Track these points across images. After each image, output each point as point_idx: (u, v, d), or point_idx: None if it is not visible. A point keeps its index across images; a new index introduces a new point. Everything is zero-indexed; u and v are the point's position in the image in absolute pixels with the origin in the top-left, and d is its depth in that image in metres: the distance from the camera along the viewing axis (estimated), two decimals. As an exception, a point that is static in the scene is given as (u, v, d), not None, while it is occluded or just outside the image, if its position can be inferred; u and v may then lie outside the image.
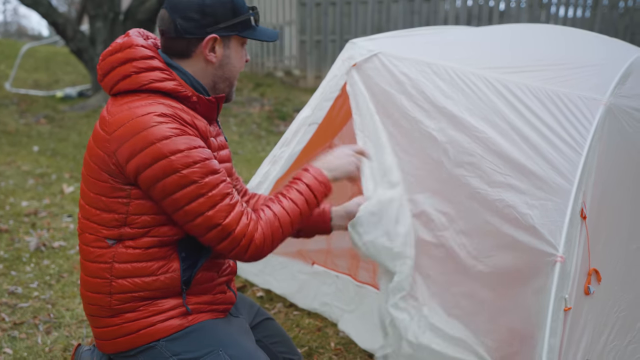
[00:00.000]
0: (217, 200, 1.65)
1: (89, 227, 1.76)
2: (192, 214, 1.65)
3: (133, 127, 1.62)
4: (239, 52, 1.82)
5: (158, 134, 1.60)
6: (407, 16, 10.58)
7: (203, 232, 1.68)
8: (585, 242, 1.89)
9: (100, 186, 1.71)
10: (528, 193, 1.92)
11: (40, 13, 9.07)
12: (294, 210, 1.80)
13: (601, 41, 2.46)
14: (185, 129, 1.65)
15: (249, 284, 3.46)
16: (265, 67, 12.05)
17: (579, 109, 1.99)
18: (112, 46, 1.76)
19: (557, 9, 11.08)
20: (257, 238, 1.71)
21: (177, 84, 1.72)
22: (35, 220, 4.58)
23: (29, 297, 3.32)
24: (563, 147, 1.93)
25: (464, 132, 2.07)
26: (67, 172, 5.95)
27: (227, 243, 1.69)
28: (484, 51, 2.36)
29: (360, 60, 2.35)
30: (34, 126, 7.96)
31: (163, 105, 1.66)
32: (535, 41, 2.44)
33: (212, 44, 1.76)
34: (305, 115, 2.49)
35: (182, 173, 1.61)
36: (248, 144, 7.57)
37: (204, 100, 1.77)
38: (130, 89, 1.70)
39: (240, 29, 1.78)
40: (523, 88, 2.07)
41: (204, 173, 1.64)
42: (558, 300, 1.80)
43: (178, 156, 1.61)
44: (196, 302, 1.81)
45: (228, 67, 1.81)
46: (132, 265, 1.72)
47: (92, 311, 1.80)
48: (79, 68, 11.60)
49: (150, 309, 1.75)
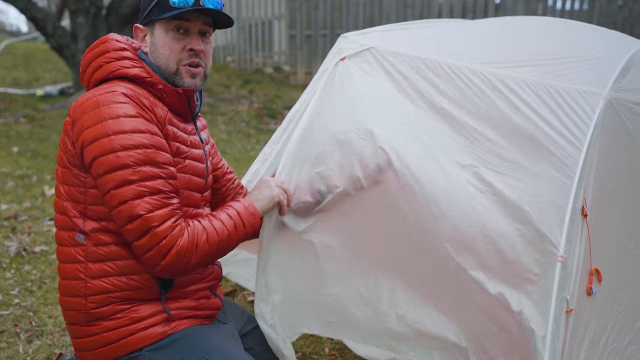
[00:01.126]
0: (146, 192, 1.59)
1: (59, 220, 1.75)
2: (116, 198, 1.58)
3: (90, 105, 1.62)
4: (162, 38, 1.76)
5: (108, 112, 1.59)
6: (400, 9, 10.52)
7: (124, 221, 1.60)
8: (587, 241, 1.84)
9: (63, 174, 1.71)
10: (527, 190, 1.86)
11: (19, 8, 8.91)
12: (222, 231, 1.73)
13: (600, 33, 2.41)
14: (140, 112, 1.62)
15: (239, 288, 3.37)
16: (254, 63, 11.96)
17: (579, 103, 1.93)
18: (91, 44, 1.80)
19: (554, 1, 11.01)
20: (180, 244, 1.62)
21: (143, 70, 1.73)
22: (15, 224, 4.46)
23: (10, 305, 3.21)
24: (562, 142, 1.87)
25: (461, 131, 2.00)
26: (48, 174, 5.83)
27: (146, 240, 1.60)
28: (479, 45, 2.30)
29: (351, 53, 2.28)
30: (13, 126, 7.80)
31: (123, 87, 1.65)
32: (532, 34, 2.38)
33: (141, 34, 1.81)
34: (295, 111, 2.42)
35: (118, 154, 1.57)
36: (237, 143, 7.47)
37: (171, 89, 1.75)
38: (102, 78, 1.72)
39: (156, 13, 1.74)
40: (520, 83, 2.01)
41: (141, 160, 1.58)
42: (560, 301, 1.74)
43: (120, 137, 1.57)
44: (178, 307, 1.77)
45: (156, 55, 1.78)
46: (106, 264, 1.68)
47: (70, 318, 1.75)
48: (60, 65, 11.44)
49: (130, 316, 1.69)
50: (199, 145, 1.87)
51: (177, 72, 1.77)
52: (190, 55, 1.77)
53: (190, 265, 1.67)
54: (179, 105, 1.78)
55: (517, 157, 1.90)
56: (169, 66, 1.77)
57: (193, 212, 1.83)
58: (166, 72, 1.78)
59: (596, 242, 1.87)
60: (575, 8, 11.10)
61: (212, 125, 8.04)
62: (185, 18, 1.74)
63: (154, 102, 1.71)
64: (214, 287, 1.91)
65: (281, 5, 10.94)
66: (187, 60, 1.77)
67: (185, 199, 1.79)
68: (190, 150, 1.81)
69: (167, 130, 1.72)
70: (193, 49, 1.76)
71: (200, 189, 1.87)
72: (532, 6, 10.74)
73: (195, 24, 1.76)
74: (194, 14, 1.74)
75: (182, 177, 1.77)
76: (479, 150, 1.97)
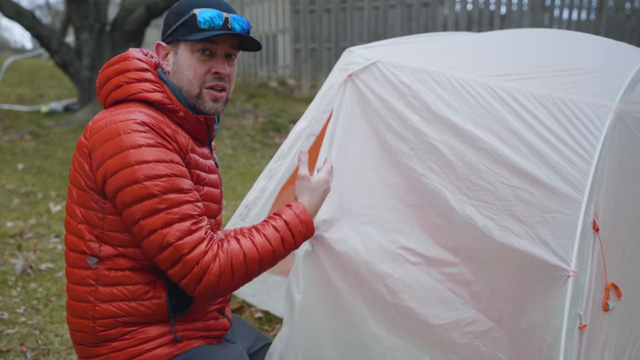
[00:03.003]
0: (175, 219, 1.56)
1: (71, 242, 1.71)
2: (146, 229, 1.56)
3: (109, 132, 1.58)
4: (187, 59, 1.71)
5: (130, 141, 1.56)
6: (405, 22, 10.50)
7: (155, 251, 1.58)
8: (600, 255, 1.81)
9: (80, 195, 1.67)
10: (537, 205, 1.83)
11: (24, 25, 8.96)
12: (265, 248, 1.68)
13: (608, 45, 2.39)
14: (161, 141, 1.59)
15: (246, 304, 3.34)
16: (259, 77, 11.99)
17: (587, 116, 1.91)
18: (110, 60, 1.76)
19: (561, 12, 10.97)
20: (213, 270, 1.59)
21: (165, 96, 1.69)
22: (21, 242, 4.45)
23: (16, 323, 3.19)
24: (572, 156, 1.85)
25: (468, 144, 1.99)
26: (54, 191, 5.83)
27: (179, 268, 1.57)
28: (485, 58, 2.29)
29: (357, 69, 2.27)
30: (18, 143, 7.82)
31: (144, 114, 1.62)
32: (539, 46, 2.37)
33: (163, 52, 1.76)
34: (302, 127, 2.42)
35: (143, 184, 1.54)
36: (242, 158, 7.47)
37: (192, 117, 1.71)
38: (121, 99, 1.68)
39: (182, 33, 1.70)
40: (528, 95, 2.00)
41: (167, 188, 1.56)
42: (572, 317, 1.71)
43: (143, 166, 1.55)
44: (186, 329, 1.74)
45: (179, 75, 1.73)
46: (117, 288, 1.66)
47: (77, 339, 1.73)
48: (65, 81, 11.49)
49: (137, 337, 1.67)
50: (214, 170, 1.84)
51: (200, 95, 1.73)
52: (214, 78, 1.73)
53: (228, 287, 1.65)
54: (199, 132, 1.75)
55: (526, 171, 1.88)
56: (192, 89, 1.72)
57: None
58: (188, 94, 1.73)
59: (612, 256, 1.84)
60: (582, 18, 11.06)
61: (217, 140, 8.05)
62: (212, 40, 1.70)
63: (176, 130, 1.67)
64: (223, 309, 1.89)
65: (285, 19, 10.98)
66: (211, 83, 1.73)
67: None
68: (208, 176, 1.78)
69: (189, 159, 1.69)
70: (219, 72, 1.72)
71: (215, 214, 1.83)
72: (539, 17, 10.71)
73: (221, 46, 1.72)
74: (221, 37, 1.71)
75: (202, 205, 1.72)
76: (485, 161, 1.95)
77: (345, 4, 10.54)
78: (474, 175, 1.95)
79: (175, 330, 1.71)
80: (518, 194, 1.87)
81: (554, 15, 11.00)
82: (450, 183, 1.99)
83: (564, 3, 10.97)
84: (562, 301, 1.72)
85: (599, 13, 10.96)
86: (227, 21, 1.69)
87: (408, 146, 2.11)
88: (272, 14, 11.44)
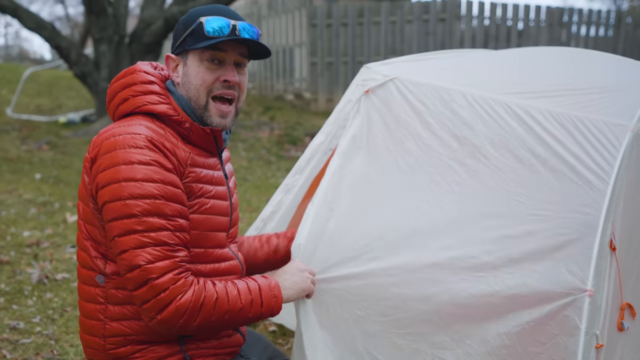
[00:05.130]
0: (149, 243, 1.53)
1: (81, 258, 1.72)
2: (119, 246, 1.54)
3: (107, 145, 1.58)
4: (195, 68, 1.70)
5: (123, 157, 1.55)
6: (422, 37, 10.52)
7: (124, 270, 1.56)
8: (616, 275, 1.80)
9: (85, 211, 1.68)
10: (553, 224, 1.83)
11: (44, 37, 9.09)
12: (234, 301, 1.63)
13: (624, 64, 2.39)
14: (158, 158, 1.58)
15: (260, 317, 3.34)
16: (275, 89, 12.07)
17: (605, 135, 1.90)
18: (119, 74, 1.76)
19: (579, 28, 10.93)
20: (182, 300, 1.54)
21: (170, 107, 1.69)
22: (38, 251, 4.49)
23: (32, 333, 3.22)
24: (589, 175, 1.85)
25: (484, 162, 1.99)
26: (70, 201, 5.88)
27: (144, 291, 1.53)
28: (502, 76, 2.29)
29: (374, 86, 2.29)
30: (36, 153, 7.91)
31: (145, 127, 1.61)
32: (555, 65, 2.37)
33: (173, 64, 1.75)
34: (319, 142, 2.42)
35: (126, 202, 1.53)
36: (257, 170, 7.50)
37: (198, 129, 1.70)
38: (127, 112, 1.69)
39: (190, 43, 1.68)
40: (545, 114, 1.99)
41: (148, 210, 1.53)
42: (589, 337, 1.70)
43: (130, 184, 1.53)
44: (197, 347, 1.73)
45: (187, 85, 1.72)
46: (126, 307, 1.65)
47: (89, 354, 1.74)
48: (83, 92, 11.61)
49: (147, 356, 1.67)
50: (223, 182, 1.81)
51: (207, 107, 1.71)
52: (223, 86, 1.70)
53: (189, 327, 1.58)
54: (206, 143, 1.74)
55: (543, 190, 1.87)
56: (200, 98, 1.70)
57: (219, 253, 1.77)
58: (196, 104, 1.71)
59: (628, 276, 1.83)
60: (600, 34, 11.02)
61: (232, 152, 8.09)
62: (220, 48, 1.67)
63: (176, 144, 1.65)
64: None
65: (302, 33, 11.05)
66: (219, 91, 1.70)
67: (210, 241, 1.73)
68: (214, 189, 1.75)
69: (189, 172, 1.67)
70: (228, 80, 1.69)
71: (225, 227, 1.80)
72: (556, 33, 10.68)
73: (230, 54, 1.70)
74: (230, 44, 1.68)
75: (207, 219, 1.71)
76: (500, 180, 1.94)
77: (362, 19, 10.58)
78: (486, 192, 1.95)
79: (185, 350, 1.70)
80: (531, 211, 1.86)
81: (572, 32, 10.95)
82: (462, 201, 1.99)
83: (582, 19, 10.93)
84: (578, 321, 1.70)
85: (617, 30, 10.91)
86: (234, 29, 1.67)
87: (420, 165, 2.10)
88: (290, 27, 11.51)
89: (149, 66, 1.79)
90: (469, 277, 1.87)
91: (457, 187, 2.01)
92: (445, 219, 1.98)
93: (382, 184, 2.13)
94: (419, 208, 2.03)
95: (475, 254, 1.89)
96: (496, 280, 1.84)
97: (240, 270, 1.85)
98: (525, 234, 1.86)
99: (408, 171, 2.11)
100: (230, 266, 1.81)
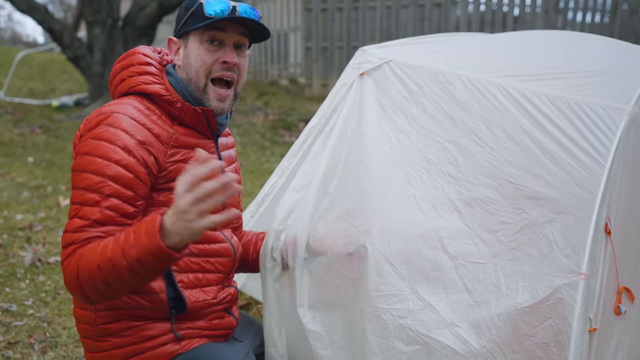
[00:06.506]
0: (72, 214, 1.58)
1: None
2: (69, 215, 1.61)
3: (93, 122, 1.62)
4: (195, 49, 1.69)
5: (98, 132, 1.59)
6: (417, 22, 10.46)
7: None
8: (612, 259, 1.80)
9: (73, 192, 1.67)
10: (548, 207, 1.82)
11: (36, 19, 9.00)
12: (103, 253, 1.48)
13: (621, 47, 2.38)
14: (124, 141, 1.57)
15: (254, 301, 3.34)
16: (269, 75, 12.00)
17: (601, 118, 1.89)
18: (121, 56, 1.80)
19: (575, 15, 10.89)
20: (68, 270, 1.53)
21: (162, 87, 1.70)
22: (30, 235, 4.47)
23: (24, 315, 3.20)
24: (585, 158, 1.84)
25: (478, 143, 1.98)
26: (63, 184, 5.85)
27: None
28: (498, 59, 2.28)
29: (370, 68, 2.27)
30: (28, 136, 7.87)
31: (132, 106, 1.64)
32: (552, 48, 2.35)
33: (175, 47, 1.76)
34: (313, 125, 2.41)
35: (76, 173, 1.59)
36: (252, 155, 7.47)
37: (189, 109, 1.69)
38: (124, 92, 1.71)
39: (191, 24, 1.68)
40: (542, 96, 1.98)
41: (88, 185, 1.56)
42: (582, 320, 1.70)
43: (87, 158, 1.58)
44: (189, 327, 1.72)
45: (188, 67, 1.71)
46: None
47: (82, 331, 1.73)
48: (76, 76, 11.54)
49: (139, 334, 1.66)
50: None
51: (206, 90, 1.70)
52: (222, 68, 1.69)
53: (84, 295, 1.53)
54: (198, 124, 1.72)
55: (538, 172, 1.87)
56: (199, 80, 1.69)
57: (208, 234, 1.76)
58: (195, 87, 1.70)
59: (625, 260, 1.83)
60: (595, 21, 10.98)
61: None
62: (219, 28, 1.66)
63: (160, 125, 1.65)
64: (230, 307, 1.86)
65: (297, 18, 10.98)
66: (218, 73, 1.69)
67: None
68: None
69: (172, 153, 1.66)
70: (227, 61, 1.68)
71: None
72: (552, 19, 10.64)
73: (230, 35, 1.68)
74: (229, 25, 1.67)
75: None
76: (493, 160, 1.93)
77: (357, 3, 10.52)
78: (480, 173, 1.94)
79: (176, 329, 1.69)
80: (526, 193, 1.86)
81: (568, 18, 10.91)
82: (454, 180, 1.98)
83: (578, 5, 10.90)
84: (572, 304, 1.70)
85: (613, 16, 10.87)
86: (234, 10, 1.66)
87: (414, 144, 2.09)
88: (284, 12, 11.44)
89: (150, 50, 1.81)
90: (466, 263, 1.87)
91: (451, 167, 2.00)
92: (439, 198, 1.97)
93: (375, 163, 2.12)
94: (412, 185, 2.02)
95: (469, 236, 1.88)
96: (492, 263, 1.84)
97: (232, 253, 1.84)
98: (520, 217, 1.85)
99: (402, 150, 2.10)
100: (221, 248, 1.80)
